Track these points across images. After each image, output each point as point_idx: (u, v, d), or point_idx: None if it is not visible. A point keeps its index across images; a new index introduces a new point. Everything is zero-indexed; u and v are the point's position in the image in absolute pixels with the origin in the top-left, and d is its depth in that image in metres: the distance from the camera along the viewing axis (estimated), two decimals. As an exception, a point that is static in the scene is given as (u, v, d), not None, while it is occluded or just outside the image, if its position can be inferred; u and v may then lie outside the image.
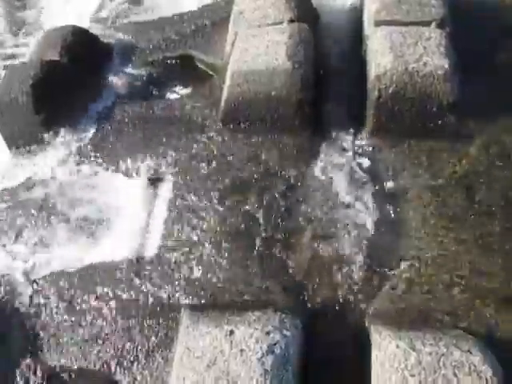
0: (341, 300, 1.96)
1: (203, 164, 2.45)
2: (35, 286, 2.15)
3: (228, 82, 2.55)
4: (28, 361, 1.97)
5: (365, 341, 1.80)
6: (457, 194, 2.18)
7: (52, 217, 2.39)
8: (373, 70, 2.41)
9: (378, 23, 2.61)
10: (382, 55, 2.41)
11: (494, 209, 2.11)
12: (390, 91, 2.35)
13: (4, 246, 2.32)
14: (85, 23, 3.46)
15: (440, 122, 2.37)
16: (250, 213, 2.23)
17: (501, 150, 2.30)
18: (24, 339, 2.03)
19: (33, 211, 2.42)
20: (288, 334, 1.75)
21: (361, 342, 1.82)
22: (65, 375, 1.94)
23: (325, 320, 1.91)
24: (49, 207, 2.43)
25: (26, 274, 2.19)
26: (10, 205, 2.48)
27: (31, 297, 2.12)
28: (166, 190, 2.40)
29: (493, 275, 1.94)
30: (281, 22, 2.73)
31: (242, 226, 2.20)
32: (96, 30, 3.35)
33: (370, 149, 2.41)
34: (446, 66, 2.33)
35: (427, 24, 2.56)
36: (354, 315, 1.91)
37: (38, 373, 1.95)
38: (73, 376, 1.94)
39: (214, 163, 2.45)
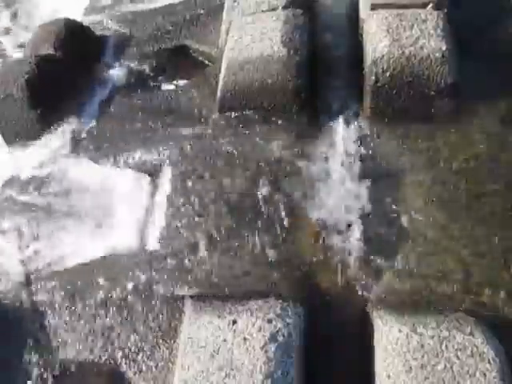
0: (342, 287, 1.96)
1: (201, 154, 2.44)
2: (36, 281, 2.16)
3: (223, 70, 2.53)
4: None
5: (367, 326, 1.81)
6: (456, 177, 2.17)
7: (51, 212, 2.39)
8: (369, 55, 2.39)
9: (374, 6, 2.58)
10: (379, 39, 2.38)
11: (494, 192, 2.10)
12: (387, 75, 2.33)
13: (3, 243, 2.33)
14: (78, 15, 3.43)
15: (438, 105, 2.35)
16: (250, 202, 2.23)
17: (501, 133, 2.28)
18: (27, 335, 2.04)
19: (31, 207, 2.42)
20: (290, 321, 1.76)
21: (363, 327, 1.83)
22: (70, 369, 1.96)
23: (327, 307, 1.92)
24: (47, 202, 2.43)
25: (27, 270, 2.20)
26: (8, 201, 2.48)
27: (33, 293, 2.13)
28: (165, 181, 2.40)
29: (494, 258, 1.94)
30: (275, 8, 2.70)
31: (243, 215, 2.19)
32: (89, 22, 3.32)
33: (368, 133, 2.39)
34: (444, 48, 2.30)
35: (424, 6, 2.53)
36: (356, 301, 1.92)
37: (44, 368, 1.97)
38: (78, 369, 1.95)
39: (212, 153, 2.44)
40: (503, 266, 1.92)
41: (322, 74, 2.64)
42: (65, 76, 2.84)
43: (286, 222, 2.16)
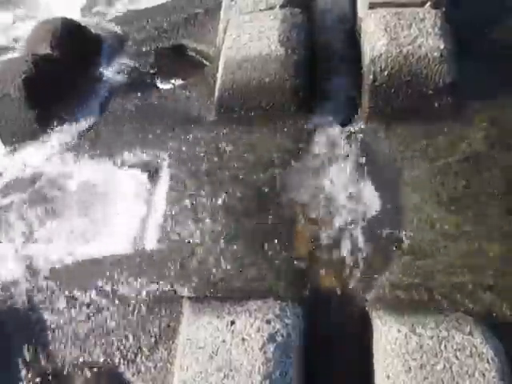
0: (341, 287, 1.96)
1: (200, 154, 2.44)
2: (36, 281, 2.15)
3: (221, 70, 2.52)
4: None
5: (367, 326, 1.81)
6: (455, 176, 2.17)
7: (49, 212, 2.38)
8: (367, 54, 2.38)
9: (372, 5, 2.58)
10: (377, 38, 2.38)
11: (493, 191, 2.10)
12: (386, 74, 2.32)
13: (2, 242, 2.32)
14: (75, 15, 3.41)
15: (437, 104, 2.35)
16: (248, 202, 2.23)
17: (500, 132, 2.28)
18: (26, 336, 2.03)
19: (30, 206, 2.41)
20: (289, 322, 1.75)
21: (363, 327, 1.83)
22: (69, 369, 1.95)
23: (326, 308, 1.92)
24: (46, 202, 2.42)
25: (26, 270, 2.19)
26: (5, 201, 2.47)
27: (32, 293, 2.12)
28: (163, 181, 2.39)
29: (493, 257, 1.94)
30: (273, 7, 2.70)
31: (241, 215, 2.19)
32: (87, 21, 3.31)
33: (367, 132, 2.38)
34: (442, 47, 2.30)
35: (422, 4, 2.53)
36: (355, 301, 1.92)
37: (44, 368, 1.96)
38: (77, 369, 1.95)
39: (210, 153, 2.43)
40: (502, 265, 1.92)
41: (320, 73, 2.64)
42: (62, 75, 2.83)
43: (285, 222, 2.15)
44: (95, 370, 1.94)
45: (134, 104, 2.78)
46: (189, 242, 2.15)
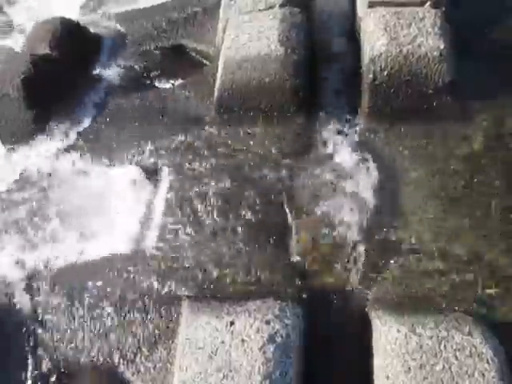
0: (341, 287, 1.96)
1: (199, 154, 2.44)
2: (35, 281, 2.16)
3: (220, 70, 2.52)
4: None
5: (367, 326, 1.81)
6: (455, 176, 2.17)
7: (48, 212, 2.38)
8: (367, 53, 2.38)
9: (371, 4, 2.57)
10: (376, 37, 2.37)
11: (493, 191, 2.10)
12: (385, 74, 2.32)
13: (1, 243, 2.32)
14: (74, 14, 3.41)
15: (437, 103, 2.35)
16: (248, 202, 2.22)
17: (500, 131, 2.27)
18: (26, 336, 2.04)
19: (28, 207, 2.41)
20: (289, 322, 1.75)
21: (363, 327, 1.83)
22: (69, 369, 1.95)
23: (326, 308, 1.92)
24: (44, 202, 2.42)
25: (26, 270, 2.20)
26: (4, 201, 2.47)
27: (31, 293, 2.13)
28: (162, 181, 2.39)
29: (493, 257, 1.94)
30: (272, 7, 2.69)
31: (241, 215, 2.19)
32: (85, 20, 3.30)
33: (367, 132, 2.38)
34: (441, 46, 2.30)
35: (422, 4, 2.52)
36: (355, 301, 1.92)
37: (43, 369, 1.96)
38: (77, 370, 1.95)
39: (209, 153, 2.43)
40: (503, 265, 1.92)
41: (319, 72, 2.64)
42: (61, 75, 2.83)
43: (285, 222, 2.15)
44: (95, 369, 1.94)
45: (134, 104, 2.77)
46: (188, 242, 2.15)
